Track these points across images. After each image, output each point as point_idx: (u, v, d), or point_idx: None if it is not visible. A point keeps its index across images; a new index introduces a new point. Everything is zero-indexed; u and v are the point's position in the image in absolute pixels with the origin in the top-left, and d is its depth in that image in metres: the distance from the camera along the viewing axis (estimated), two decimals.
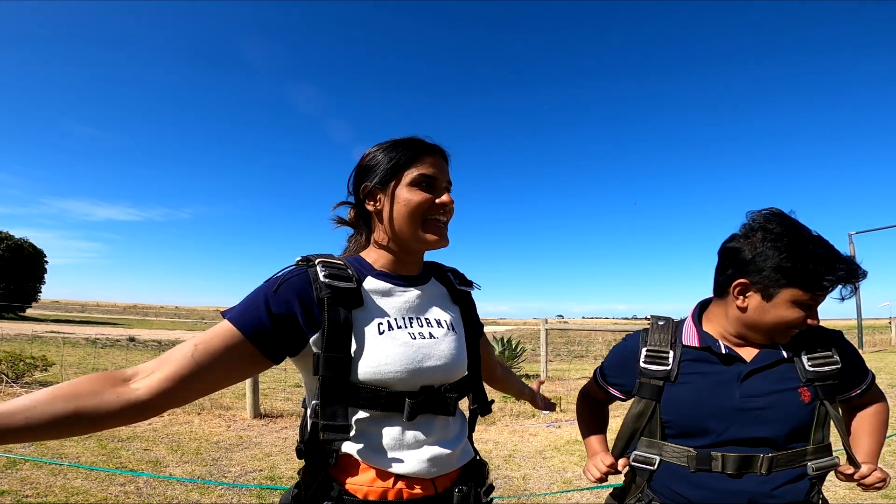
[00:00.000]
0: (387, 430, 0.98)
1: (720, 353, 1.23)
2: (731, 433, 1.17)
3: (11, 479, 3.38)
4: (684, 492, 1.21)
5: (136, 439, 4.63)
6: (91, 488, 3.33)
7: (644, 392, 1.28)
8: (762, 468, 1.14)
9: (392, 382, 0.96)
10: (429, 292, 1.14)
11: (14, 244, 30.03)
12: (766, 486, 1.14)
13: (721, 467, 1.16)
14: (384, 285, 1.06)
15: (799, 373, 1.19)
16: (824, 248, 1.14)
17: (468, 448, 1.12)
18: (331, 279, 0.97)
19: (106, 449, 4.26)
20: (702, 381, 1.22)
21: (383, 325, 1.00)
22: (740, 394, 1.18)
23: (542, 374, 9.96)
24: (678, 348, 1.28)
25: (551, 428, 5.78)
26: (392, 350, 0.98)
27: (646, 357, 1.29)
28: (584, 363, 14.32)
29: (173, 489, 3.44)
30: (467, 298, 1.23)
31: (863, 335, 17.02)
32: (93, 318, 35.43)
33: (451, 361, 1.05)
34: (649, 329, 1.35)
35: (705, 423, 1.19)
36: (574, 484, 3.91)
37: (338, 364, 0.94)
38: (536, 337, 12.87)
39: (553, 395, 7.79)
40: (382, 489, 0.96)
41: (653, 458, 1.26)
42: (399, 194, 1.04)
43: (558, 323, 18.46)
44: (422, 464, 0.98)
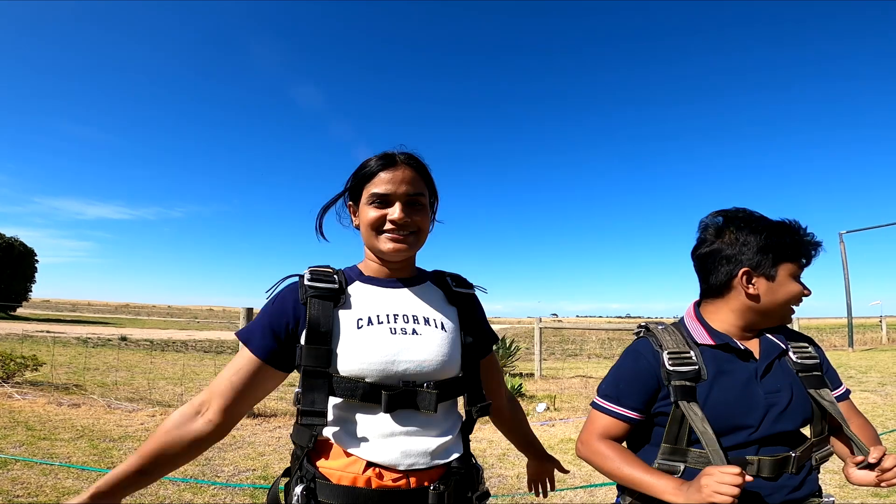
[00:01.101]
0: (364, 417, 1.04)
1: (738, 348, 1.21)
2: (763, 430, 1.15)
3: (2, 479, 3.35)
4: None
5: (128, 439, 4.61)
6: (82, 488, 3.30)
7: (682, 395, 1.16)
8: (793, 467, 1.14)
9: (368, 374, 1.02)
10: (421, 293, 1.18)
11: (4, 243, 29.76)
12: (795, 480, 1.15)
13: (757, 471, 1.12)
14: (369, 287, 1.15)
15: (790, 366, 1.22)
16: (786, 222, 1.24)
17: (455, 447, 1.11)
18: (314, 282, 1.10)
19: (97, 449, 4.23)
20: (728, 379, 1.18)
21: (363, 320, 1.08)
22: (763, 390, 1.17)
23: (536, 372, 9.99)
24: (695, 348, 1.22)
25: (545, 427, 5.80)
26: (368, 343, 1.04)
27: (671, 360, 1.20)
28: (577, 362, 14.37)
29: (165, 489, 3.42)
30: (467, 301, 1.24)
31: (853, 334, 17.18)
32: (84, 318, 35.12)
33: (434, 358, 1.07)
34: (655, 334, 1.27)
35: (739, 421, 1.15)
36: (568, 482, 3.92)
37: (318, 355, 1.03)
38: (530, 335, 12.90)
39: (546, 393, 7.81)
40: (353, 475, 1.00)
41: (677, 465, 1.17)
42: (361, 211, 1.16)
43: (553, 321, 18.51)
44: (394, 454, 1.01)
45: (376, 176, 1.13)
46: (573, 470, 4.21)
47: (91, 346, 13.51)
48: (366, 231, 1.14)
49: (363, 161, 1.17)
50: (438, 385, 1.06)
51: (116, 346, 14.10)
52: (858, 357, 13.29)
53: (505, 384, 1.41)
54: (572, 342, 21.18)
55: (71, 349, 12.29)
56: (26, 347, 10.39)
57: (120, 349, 13.38)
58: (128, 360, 10.96)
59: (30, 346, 11.03)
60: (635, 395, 1.23)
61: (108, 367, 9.46)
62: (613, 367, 1.31)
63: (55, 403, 5.80)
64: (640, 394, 1.23)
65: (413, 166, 1.16)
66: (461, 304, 1.21)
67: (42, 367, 7.20)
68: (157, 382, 7.98)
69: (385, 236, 1.12)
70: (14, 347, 9.02)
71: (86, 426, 4.95)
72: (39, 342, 13.27)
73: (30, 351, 8.29)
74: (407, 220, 1.12)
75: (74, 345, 13.56)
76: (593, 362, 14.24)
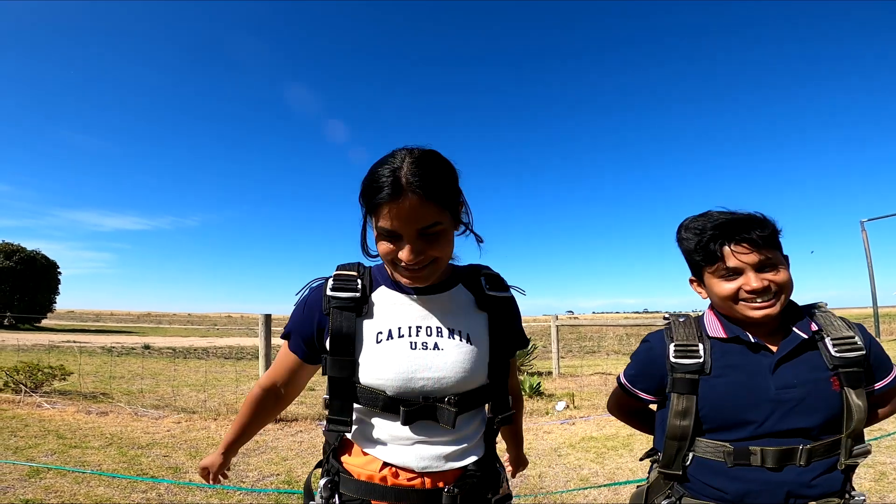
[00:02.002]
0: (383, 423, 1.08)
1: (749, 342, 1.21)
2: (769, 425, 1.15)
3: (36, 488, 3.44)
4: (721, 486, 1.18)
5: (156, 446, 4.69)
6: (114, 496, 3.38)
7: (680, 388, 1.23)
8: (801, 460, 1.13)
9: (387, 388, 1.05)
10: (448, 300, 1.14)
11: (27, 256, 30.48)
12: (804, 476, 1.13)
13: (760, 461, 1.14)
14: (394, 294, 1.13)
15: (825, 360, 1.18)
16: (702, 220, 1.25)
17: (474, 450, 1.12)
18: (335, 291, 1.11)
19: (126, 456, 4.32)
20: (735, 372, 1.20)
21: (382, 334, 1.08)
22: (775, 385, 1.16)
23: (555, 370, 9.94)
24: (706, 341, 1.25)
25: (566, 425, 5.77)
26: (386, 360, 1.06)
27: (675, 352, 1.25)
28: (596, 359, 14.26)
29: (193, 495, 3.48)
30: (502, 305, 1.17)
31: (879, 323, 16.80)
32: (107, 327, 35.81)
33: (455, 374, 1.06)
34: (671, 326, 1.32)
35: (742, 416, 1.17)
36: (590, 481, 3.90)
37: (341, 366, 1.08)
38: (547, 334, 12.84)
39: (566, 391, 7.77)
40: (371, 472, 1.07)
41: (689, 455, 1.24)
42: (375, 234, 1.06)
43: (569, 319, 18.39)
44: (409, 457, 1.05)
45: (381, 209, 0.99)
46: (597, 469, 4.19)
47: (116, 354, 13.77)
48: (381, 256, 1.07)
49: (370, 171, 1.03)
50: (460, 398, 1.06)
51: (140, 355, 14.36)
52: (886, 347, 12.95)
53: (517, 381, 1.35)
54: (589, 339, 21.02)
55: (97, 358, 12.55)
56: (53, 357, 10.62)
57: (144, 357, 13.63)
58: (152, 367, 11.16)
59: (56, 357, 11.28)
60: (645, 381, 1.36)
61: (133, 375, 9.64)
62: (634, 353, 1.43)
63: (84, 412, 5.93)
64: (650, 380, 1.34)
65: (422, 192, 0.97)
66: (493, 309, 1.15)
67: (70, 377, 7.35)
68: (181, 389, 8.12)
69: (401, 269, 1.04)
70: (41, 358, 9.23)
71: (114, 434, 5.06)
72: (66, 352, 13.57)
73: (57, 361, 8.47)
74: (420, 258, 1.01)
75: (100, 354, 13.84)
76: (612, 359, 14.12)
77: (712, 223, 1.21)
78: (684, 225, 1.30)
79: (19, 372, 6.81)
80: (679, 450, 1.24)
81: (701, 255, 1.22)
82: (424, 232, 1.01)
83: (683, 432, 1.23)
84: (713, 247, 1.19)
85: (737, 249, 1.17)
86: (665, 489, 1.29)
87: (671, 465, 1.26)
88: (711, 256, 1.20)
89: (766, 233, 1.17)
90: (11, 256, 29.50)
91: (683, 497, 1.25)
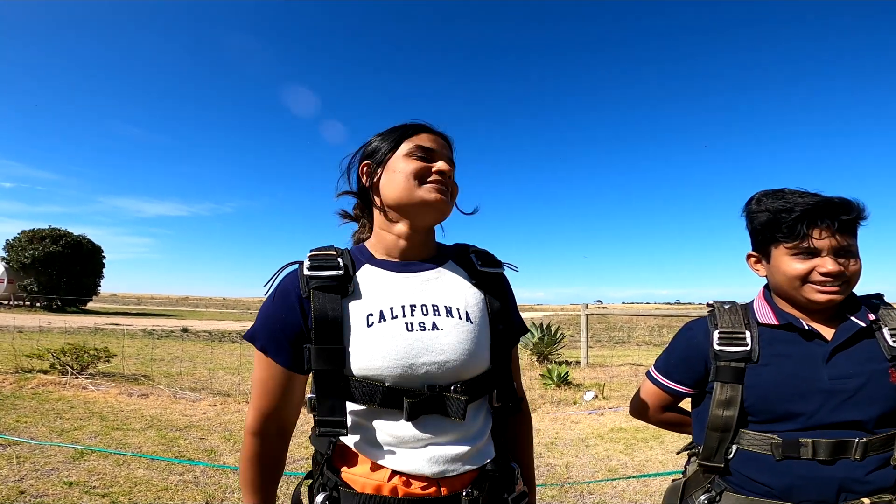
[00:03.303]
0: (386, 424, 0.93)
1: (802, 328, 1.15)
2: (820, 417, 1.10)
3: (80, 471, 3.61)
4: (767, 481, 1.13)
5: (193, 428, 4.87)
6: (153, 478, 3.52)
7: (724, 376, 1.17)
8: (856, 453, 1.08)
9: (386, 378, 0.92)
10: (441, 276, 1.05)
11: (73, 241, 31.77)
12: (858, 471, 1.08)
13: (812, 454, 1.09)
14: (381, 272, 1.02)
15: (883, 350, 1.12)
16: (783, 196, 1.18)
17: (488, 448, 1.01)
18: (315, 270, 0.98)
19: (165, 438, 4.49)
20: (785, 361, 1.14)
21: (373, 315, 0.95)
22: (828, 375, 1.11)
23: (583, 360, 9.85)
24: (754, 328, 1.20)
25: (594, 415, 5.72)
26: (381, 344, 0.92)
27: (720, 339, 1.20)
28: (626, 349, 14.08)
29: (227, 478, 3.60)
30: (495, 282, 1.10)
31: None
32: (148, 311, 37.29)
33: (459, 356, 0.95)
34: (715, 313, 1.26)
35: (792, 407, 1.11)
36: (619, 472, 3.87)
37: (329, 356, 0.93)
38: (575, 323, 12.72)
39: (595, 381, 7.70)
40: (378, 482, 0.92)
41: (732, 448, 1.18)
42: (395, 164, 1.03)
43: (598, 308, 18.17)
44: (420, 461, 0.92)
45: (420, 133, 1.05)
46: (626, 461, 4.15)
47: (156, 337, 14.32)
48: (399, 183, 1.01)
49: (398, 125, 1.10)
50: (467, 385, 0.95)
51: (179, 338, 14.90)
52: None
53: (521, 386, 1.20)
54: (619, 329, 20.69)
55: (138, 340, 13.08)
56: (98, 340, 11.13)
57: (182, 340, 14.14)
58: (189, 350, 11.57)
59: (101, 339, 11.81)
60: (684, 372, 1.29)
61: (172, 357, 10.00)
62: (670, 342, 1.36)
63: (126, 394, 6.19)
64: (690, 371, 1.27)
65: (448, 142, 1.10)
66: (488, 286, 1.07)
67: (113, 359, 7.68)
68: (217, 372, 8.38)
69: (429, 186, 1.00)
70: (87, 340, 9.67)
71: (154, 416, 5.27)
72: (109, 334, 14.18)
73: (101, 343, 8.86)
74: (450, 177, 1.05)
75: (141, 336, 14.42)
76: (643, 350, 13.91)
77: (803, 200, 1.14)
78: (757, 198, 1.23)
79: (66, 353, 7.15)
80: (721, 441, 1.19)
81: (783, 231, 1.15)
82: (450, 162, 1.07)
83: (727, 423, 1.17)
84: (800, 224, 1.13)
85: (823, 231, 1.12)
86: (704, 483, 1.23)
87: (712, 457, 1.20)
88: (795, 233, 1.14)
89: (851, 217, 1.12)
90: (58, 241, 30.83)
91: (725, 492, 1.19)
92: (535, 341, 10.10)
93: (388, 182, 1.03)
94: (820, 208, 1.12)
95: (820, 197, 1.14)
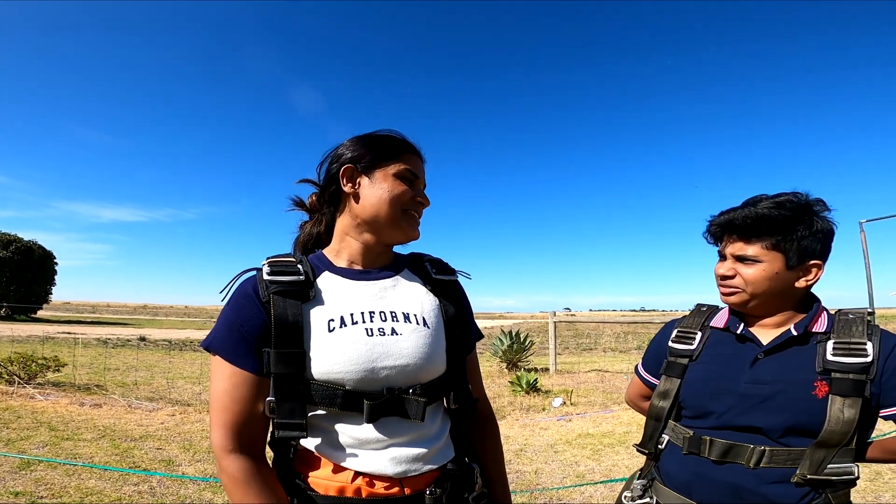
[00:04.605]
0: (346, 427, 0.94)
1: (736, 333, 1.21)
2: (728, 418, 1.14)
3: (26, 480, 3.40)
4: (671, 472, 1.22)
5: (149, 438, 4.66)
6: (105, 488, 3.35)
7: (671, 371, 1.28)
8: (750, 460, 1.09)
9: (346, 382, 0.92)
10: (399, 283, 1.08)
11: (23, 247, 30.34)
12: (750, 479, 1.08)
13: (707, 451, 1.14)
14: (341, 279, 1.03)
15: (817, 362, 1.09)
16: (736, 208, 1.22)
17: (447, 449, 1.05)
18: (274, 275, 0.97)
19: (119, 448, 4.28)
20: (715, 361, 1.22)
21: (334, 321, 0.96)
22: (747, 378, 1.14)
23: (552, 367, 9.94)
24: (707, 330, 1.29)
25: (562, 421, 5.76)
26: (342, 349, 0.93)
27: (675, 336, 1.31)
28: (593, 356, 14.28)
29: (186, 488, 3.45)
30: (450, 289, 1.13)
31: None
32: (104, 319, 35.79)
33: (417, 360, 0.98)
34: (689, 314, 1.37)
35: (709, 405, 1.17)
36: (587, 478, 3.89)
37: (289, 360, 0.92)
38: (544, 330, 12.84)
39: (563, 388, 7.77)
40: (341, 484, 0.93)
41: (664, 437, 1.28)
42: (384, 182, 1.04)
43: (567, 316, 18.42)
44: (385, 462, 0.93)
45: (410, 154, 1.08)
46: (594, 466, 4.18)
47: (111, 346, 13.73)
48: (384, 203, 1.03)
49: (378, 132, 1.10)
50: (425, 388, 0.98)
51: (136, 347, 14.32)
52: None
53: (484, 393, 1.20)
54: (587, 336, 21.02)
55: (91, 350, 12.50)
56: (48, 349, 10.58)
57: (139, 349, 13.60)
58: (147, 359, 11.12)
59: (51, 348, 11.24)
60: (653, 364, 1.39)
61: (128, 367, 9.60)
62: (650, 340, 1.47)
63: (77, 404, 5.89)
64: (656, 364, 1.36)
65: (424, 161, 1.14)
66: (443, 293, 1.11)
67: (64, 368, 7.30)
68: (176, 382, 8.08)
69: (410, 220, 1.07)
70: (36, 349, 9.18)
71: (107, 426, 5.02)
72: (61, 343, 13.52)
73: (51, 352, 8.43)
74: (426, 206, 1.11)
75: (95, 345, 13.79)
76: (609, 356, 14.14)
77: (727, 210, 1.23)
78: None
79: (13, 363, 6.78)
80: (654, 430, 1.30)
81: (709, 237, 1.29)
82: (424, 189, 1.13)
83: (659, 413, 1.28)
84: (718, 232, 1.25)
85: (728, 239, 1.22)
86: (646, 471, 1.33)
87: (646, 444, 1.32)
88: (715, 239, 1.27)
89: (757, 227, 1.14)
90: (8, 246, 29.38)
91: (655, 480, 1.27)
92: (504, 349, 10.14)
93: (370, 196, 1.04)
94: (730, 221, 1.20)
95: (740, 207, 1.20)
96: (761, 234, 1.14)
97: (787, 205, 1.13)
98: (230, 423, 0.91)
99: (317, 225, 1.15)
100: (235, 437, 0.91)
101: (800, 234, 1.12)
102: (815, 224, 1.13)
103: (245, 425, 0.92)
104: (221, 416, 0.92)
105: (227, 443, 0.91)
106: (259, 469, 0.92)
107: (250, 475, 0.90)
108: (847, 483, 1.07)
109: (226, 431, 0.91)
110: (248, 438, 0.93)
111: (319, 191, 1.13)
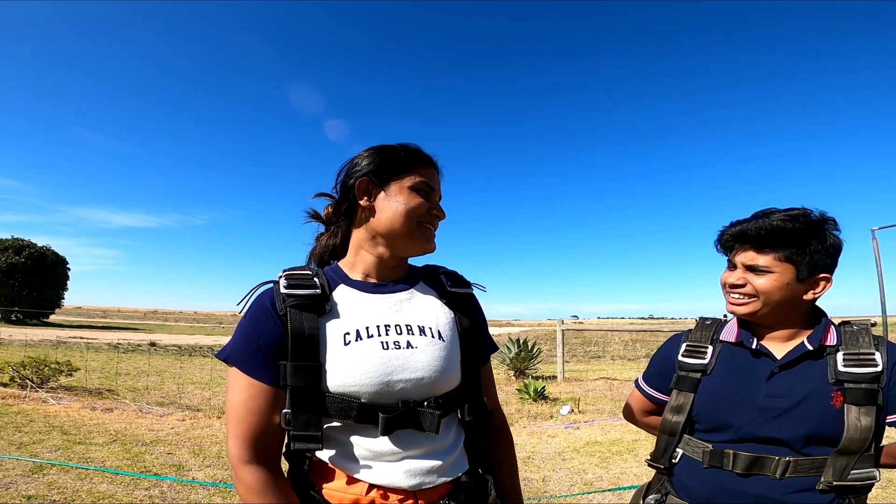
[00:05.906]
0: (361, 439, 0.95)
1: (750, 347, 1.21)
2: (748, 431, 1.14)
3: (39, 484, 3.44)
4: (693, 486, 1.20)
5: (160, 443, 4.70)
6: (116, 492, 3.38)
7: (682, 385, 1.27)
8: (776, 471, 1.10)
9: (362, 395, 0.93)
10: (414, 296, 1.08)
11: (36, 252, 30.69)
12: (776, 490, 1.10)
13: (731, 465, 1.14)
14: (357, 293, 1.04)
15: (829, 373, 1.13)
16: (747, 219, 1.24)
17: (461, 461, 1.05)
18: (291, 289, 0.98)
19: (130, 453, 4.32)
20: (732, 376, 1.21)
21: (350, 334, 0.97)
22: (765, 392, 1.15)
23: (559, 374, 9.90)
24: (718, 344, 1.28)
25: (570, 429, 5.74)
26: (358, 362, 0.94)
27: (684, 351, 1.30)
28: (601, 363, 14.19)
29: (196, 493, 3.48)
30: (465, 301, 1.14)
31: (888, 333, 16.60)
32: (115, 324, 36.07)
33: (432, 373, 0.99)
34: (694, 328, 1.35)
35: (727, 419, 1.17)
36: (595, 485, 3.87)
37: (306, 373, 0.93)
38: (552, 338, 12.79)
39: (570, 396, 7.73)
40: (355, 496, 0.93)
41: (678, 451, 1.27)
42: (399, 195, 1.05)
43: (574, 323, 18.33)
44: (399, 475, 0.94)
45: (426, 166, 1.08)
46: (601, 474, 4.16)
47: (122, 351, 13.84)
48: (400, 216, 1.03)
49: (396, 145, 1.09)
50: (440, 400, 0.99)
51: (146, 352, 14.45)
52: None
53: (499, 404, 1.22)
54: (595, 344, 20.88)
55: (103, 354, 12.63)
56: (60, 353, 10.70)
57: (150, 354, 13.70)
58: (157, 364, 11.21)
59: (63, 352, 11.36)
60: (658, 379, 1.38)
61: (138, 371, 9.68)
62: (654, 354, 1.45)
63: (89, 408, 5.95)
64: (663, 378, 1.36)
65: (440, 173, 1.14)
66: (458, 306, 1.11)
67: (76, 373, 7.38)
68: (186, 387, 8.15)
69: (427, 234, 1.07)
70: (48, 353, 9.30)
71: (119, 430, 5.08)
72: (73, 348, 13.67)
73: (63, 357, 8.52)
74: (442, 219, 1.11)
75: (106, 350, 13.93)
76: (617, 364, 14.05)
77: (744, 224, 1.23)
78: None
79: (26, 367, 6.87)
80: (668, 444, 1.28)
81: (720, 247, 1.29)
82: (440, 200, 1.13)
83: (673, 428, 1.27)
84: (730, 242, 1.25)
85: (739, 249, 1.22)
86: (657, 486, 1.32)
87: (658, 458, 1.30)
88: (725, 248, 1.27)
89: (770, 238, 1.16)
90: (21, 252, 29.74)
91: (669, 495, 1.27)
92: (511, 356, 10.11)
93: (385, 209, 1.05)
94: (743, 231, 1.21)
95: (752, 218, 1.21)
96: (775, 245, 1.16)
97: (800, 219, 1.16)
98: (247, 434, 0.93)
99: (333, 237, 1.15)
100: (252, 447, 0.92)
101: (812, 247, 1.14)
102: (827, 239, 1.16)
103: (261, 436, 0.93)
104: (238, 427, 0.93)
105: (244, 453, 0.92)
106: (275, 480, 0.93)
107: (266, 485, 0.91)
108: (868, 487, 1.11)
109: (242, 442, 0.92)
110: (264, 449, 0.94)
111: (335, 203, 1.14)
